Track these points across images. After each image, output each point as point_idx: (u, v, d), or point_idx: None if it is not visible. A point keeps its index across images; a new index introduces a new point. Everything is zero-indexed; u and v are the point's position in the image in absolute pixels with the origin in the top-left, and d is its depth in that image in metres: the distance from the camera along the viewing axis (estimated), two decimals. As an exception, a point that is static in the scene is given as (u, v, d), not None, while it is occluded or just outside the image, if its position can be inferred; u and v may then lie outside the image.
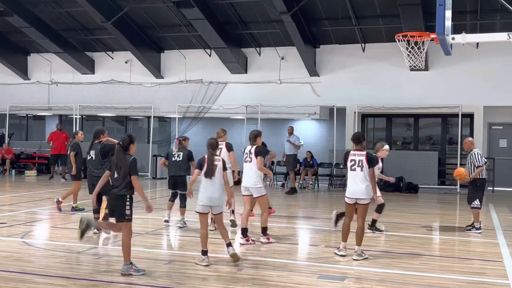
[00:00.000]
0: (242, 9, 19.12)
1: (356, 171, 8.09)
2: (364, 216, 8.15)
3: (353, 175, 8.12)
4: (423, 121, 20.70)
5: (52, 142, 20.11)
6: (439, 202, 16.22)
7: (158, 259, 7.96)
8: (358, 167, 8.08)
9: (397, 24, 17.00)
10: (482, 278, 7.07)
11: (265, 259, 7.92)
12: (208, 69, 21.40)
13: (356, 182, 8.08)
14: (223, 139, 10.42)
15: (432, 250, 9.33)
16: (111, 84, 22.69)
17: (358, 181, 8.06)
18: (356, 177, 8.09)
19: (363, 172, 8.06)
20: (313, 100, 19.95)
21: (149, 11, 19.99)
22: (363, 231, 8.10)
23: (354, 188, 8.10)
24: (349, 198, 8.20)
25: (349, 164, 8.18)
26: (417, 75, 18.69)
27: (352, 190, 8.13)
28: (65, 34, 22.10)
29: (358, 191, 8.06)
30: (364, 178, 8.06)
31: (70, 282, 6.49)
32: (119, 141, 7.19)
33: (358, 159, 8.11)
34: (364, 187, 8.04)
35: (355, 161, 8.12)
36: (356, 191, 8.08)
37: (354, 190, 8.10)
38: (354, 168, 8.11)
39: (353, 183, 8.12)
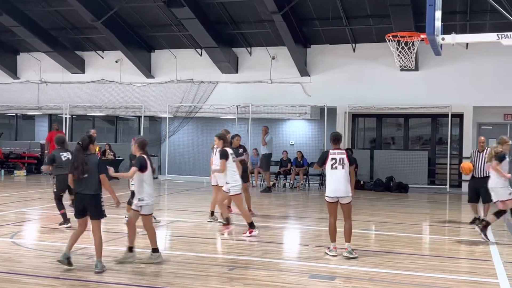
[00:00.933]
0: (233, 8, 19.10)
1: (337, 170, 8.08)
2: (350, 215, 8.19)
3: (334, 173, 8.11)
4: (413, 121, 20.79)
5: (51, 142, 19.76)
6: (429, 202, 16.30)
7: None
8: (339, 165, 8.08)
9: (388, 25, 17.06)
10: (471, 277, 7.12)
11: (256, 259, 7.93)
12: (199, 68, 21.36)
13: (337, 180, 8.08)
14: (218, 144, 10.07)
15: (421, 250, 9.37)
16: (101, 84, 22.59)
17: (340, 180, 8.07)
18: (337, 175, 8.09)
19: (344, 170, 8.08)
20: (304, 100, 19.98)
21: (140, 10, 19.93)
22: (351, 229, 8.13)
23: (336, 187, 8.10)
24: (330, 197, 8.19)
25: (330, 163, 8.14)
26: (407, 75, 18.77)
27: (334, 189, 8.12)
28: (55, 33, 21.98)
29: (340, 190, 8.08)
30: (346, 176, 8.09)
31: (60, 283, 6.46)
32: (78, 141, 7.16)
33: (339, 157, 8.12)
34: (346, 185, 8.08)
35: (336, 160, 8.12)
36: (337, 190, 8.09)
37: (336, 189, 8.10)
38: (336, 166, 8.10)
39: (334, 182, 8.12)
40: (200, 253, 8.18)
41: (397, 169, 18.77)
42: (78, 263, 7.34)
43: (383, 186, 18.35)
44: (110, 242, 8.56)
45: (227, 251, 8.91)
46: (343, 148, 8.53)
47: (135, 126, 23.92)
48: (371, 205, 15.05)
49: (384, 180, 18.58)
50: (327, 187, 8.24)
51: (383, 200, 15.89)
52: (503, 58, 17.88)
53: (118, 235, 9.21)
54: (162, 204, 14.94)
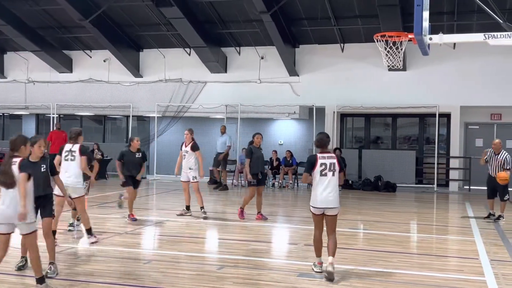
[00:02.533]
0: (221, 8, 19.09)
1: (327, 177, 7.07)
2: (335, 229, 7.20)
3: (324, 181, 7.07)
4: (401, 120, 20.91)
5: (52, 141, 19.50)
6: (416, 201, 16.40)
7: (137, 258, 7.92)
8: (329, 171, 7.10)
9: (376, 25, 17.13)
10: (459, 275, 7.17)
11: (245, 258, 7.93)
12: (188, 68, 21.32)
13: (326, 189, 7.05)
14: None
15: (410, 248, 9.43)
16: (89, 83, 22.47)
17: (330, 189, 7.07)
18: (327, 183, 7.06)
19: (335, 177, 7.11)
20: (293, 99, 20.02)
21: (128, 9, 19.85)
22: (336, 245, 7.13)
23: (325, 197, 7.05)
24: (316, 208, 7.11)
25: (320, 169, 7.09)
26: (395, 75, 18.89)
27: (322, 199, 7.06)
28: (42, 32, 21.82)
29: (329, 200, 7.07)
30: (336, 184, 7.14)
31: (47, 282, 6.40)
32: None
33: (329, 163, 7.13)
34: (336, 195, 7.12)
35: (325, 165, 7.11)
36: (326, 201, 7.06)
37: (324, 199, 7.05)
38: (325, 173, 7.08)
39: (322, 191, 7.06)
40: (189, 252, 8.17)
41: (385, 168, 18.87)
42: (66, 262, 7.30)
43: (371, 185, 18.43)
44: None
45: (216, 250, 8.91)
46: (332, 151, 7.70)
47: (123, 125, 23.82)
48: (359, 204, 15.12)
49: (372, 179, 18.66)
50: (314, 196, 7.14)
51: (371, 199, 15.97)
52: (490, 58, 18.06)
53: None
54: (150, 203, 14.91)
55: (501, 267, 7.58)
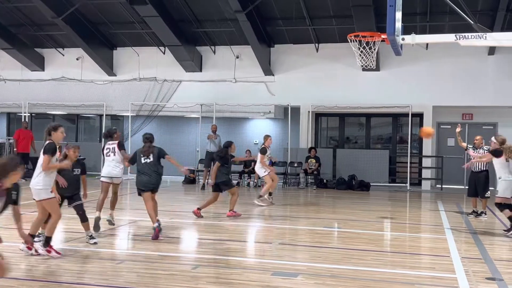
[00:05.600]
0: (196, 7, 19.01)
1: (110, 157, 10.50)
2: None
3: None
4: (375, 120, 21.13)
5: (18, 140, 19.14)
6: (390, 200, 16.58)
7: (110, 258, 7.83)
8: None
9: (350, 25, 17.26)
10: (431, 273, 7.27)
11: (219, 257, 7.91)
12: (162, 67, 21.19)
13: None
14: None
15: (383, 246, 9.53)
16: (61, 81, 22.17)
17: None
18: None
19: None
20: (268, 99, 20.06)
21: (101, 7, 19.63)
22: None
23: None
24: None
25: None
26: (369, 75, 19.07)
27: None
28: (14, 30, 21.45)
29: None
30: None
31: (19, 283, 6.31)
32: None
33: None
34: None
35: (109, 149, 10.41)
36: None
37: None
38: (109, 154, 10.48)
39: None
40: (163, 252, 8.12)
41: (359, 167, 19.03)
42: (38, 263, 7.19)
43: (345, 184, 18.57)
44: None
45: (190, 250, 8.88)
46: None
47: (97, 125, 23.56)
48: (333, 203, 15.22)
49: (346, 178, 18.80)
50: None
51: (345, 198, 16.09)
52: (462, 58, 18.38)
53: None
54: (124, 203, 14.75)
55: (471, 265, 7.70)
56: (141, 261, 7.55)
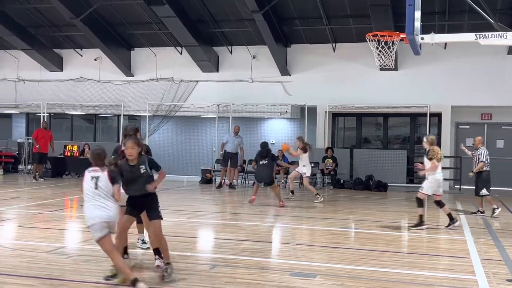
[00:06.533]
0: (213, 7, 19.06)
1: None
2: None
3: None
4: (392, 120, 20.99)
5: (37, 140, 19.33)
6: (407, 200, 16.43)
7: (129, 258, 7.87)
8: None
9: (367, 25, 17.18)
10: (449, 274, 7.20)
11: (237, 257, 7.91)
12: (179, 67, 21.27)
13: None
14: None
15: (400, 247, 9.46)
16: (79, 82, 22.36)
17: None
18: None
19: None
20: (285, 99, 20.04)
21: (119, 8, 19.77)
22: None
23: None
24: None
25: None
26: (386, 75, 18.95)
27: None
28: (33, 31, 21.69)
29: None
30: None
31: (39, 282, 6.37)
32: None
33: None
34: None
35: None
36: None
37: None
38: None
39: None
40: (181, 251, 8.15)
41: (377, 168, 18.91)
42: (57, 262, 7.26)
43: (362, 184, 18.47)
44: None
45: (208, 250, 8.90)
46: None
47: (115, 125, 23.72)
48: (350, 204, 15.14)
49: (363, 178, 18.70)
50: None
51: (362, 199, 16.00)
52: (481, 58, 18.17)
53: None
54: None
55: (492, 266, 7.62)
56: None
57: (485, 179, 12.62)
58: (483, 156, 12.57)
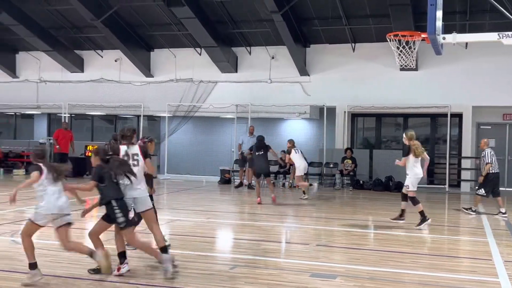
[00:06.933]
0: (232, 8, 19.11)
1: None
2: None
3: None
4: (412, 120, 20.81)
5: (58, 140, 19.57)
6: (428, 201, 16.27)
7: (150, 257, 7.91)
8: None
9: (387, 24, 17.08)
10: (472, 276, 7.12)
11: (257, 258, 7.91)
12: (198, 68, 21.36)
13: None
14: None
15: (422, 249, 9.37)
16: (100, 83, 22.57)
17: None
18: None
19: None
20: (304, 99, 20.00)
21: (139, 9, 19.92)
22: None
23: None
24: None
25: None
26: (406, 75, 18.81)
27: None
28: (54, 32, 21.95)
29: None
30: None
31: (61, 281, 6.45)
32: None
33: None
34: None
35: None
36: None
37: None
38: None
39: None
40: (201, 251, 8.18)
41: (397, 168, 18.63)
42: (80, 261, 7.32)
43: (382, 185, 18.36)
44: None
45: (228, 250, 8.92)
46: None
47: (134, 125, 23.89)
48: (370, 205, 15.05)
49: (383, 179, 18.58)
50: None
51: (382, 200, 15.91)
52: (502, 57, 17.93)
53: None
54: (161, 203, 14.92)
55: (514, 268, 7.52)
56: (179, 260, 7.59)
57: (489, 180, 12.74)
58: (488, 157, 12.73)
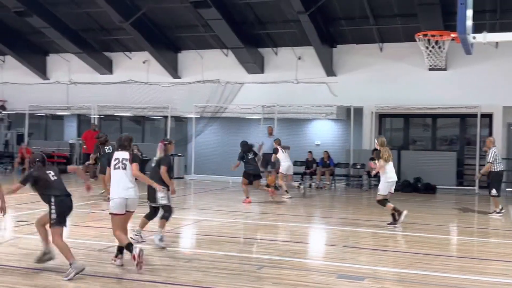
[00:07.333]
0: (259, 9, 19.15)
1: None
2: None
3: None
4: (441, 121, 20.54)
5: (86, 141, 19.88)
6: (457, 203, 16.07)
7: (177, 257, 8.00)
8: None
9: (415, 24, 16.88)
10: (503, 279, 7.01)
11: (284, 259, 7.91)
12: (225, 69, 21.45)
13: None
14: None
15: (450, 251, 9.27)
16: (128, 84, 22.84)
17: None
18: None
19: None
20: (330, 100, 19.90)
21: (167, 11, 20.10)
22: None
23: None
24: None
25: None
26: (435, 74, 18.57)
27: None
28: (84, 35, 22.31)
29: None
30: None
31: (91, 279, 6.55)
32: None
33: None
34: None
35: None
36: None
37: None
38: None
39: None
40: (228, 252, 8.22)
41: (425, 170, 18.53)
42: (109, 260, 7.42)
43: (410, 187, 18.15)
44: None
45: (254, 250, 8.94)
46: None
47: (162, 126, 24.11)
48: (398, 206, 14.87)
49: (411, 181, 18.38)
50: None
51: (410, 201, 15.73)
52: (534, 57, 17.57)
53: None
54: (188, 203, 15.04)
55: (547, 272, 7.37)
56: (206, 260, 7.67)
57: (493, 179, 12.93)
58: (490, 157, 12.87)
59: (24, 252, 7.88)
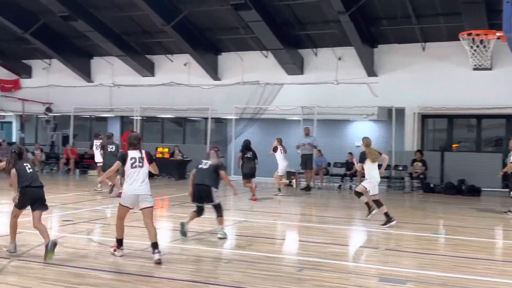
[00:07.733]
0: (299, 10, 19.10)
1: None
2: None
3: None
4: (486, 122, 20.03)
5: (125, 142, 20.26)
6: (502, 206, 15.62)
7: (217, 258, 8.06)
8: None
9: (459, 23, 16.53)
10: (551, 285, 6.79)
11: (325, 261, 7.87)
12: (265, 70, 21.49)
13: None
14: None
15: (495, 255, 9.04)
16: (170, 86, 23.15)
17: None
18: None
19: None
20: (371, 100, 19.69)
21: (207, 14, 20.28)
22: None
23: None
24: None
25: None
26: (479, 74, 18.13)
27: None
28: (127, 38, 22.73)
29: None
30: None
31: (134, 278, 6.66)
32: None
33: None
34: None
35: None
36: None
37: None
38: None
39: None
40: (268, 253, 8.23)
41: (469, 171, 18.11)
42: (152, 260, 7.53)
43: (454, 189, 17.79)
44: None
45: (295, 252, 8.93)
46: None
47: (202, 127, 24.33)
48: (441, 209, 14.63)
49: (455, 183, 18.00)
50: None
51: (454, 204, 15.42)
52: None
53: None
54: (228, 204, 15.12)
55: None
56: (247, 261, 7.69)
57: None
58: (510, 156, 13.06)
59: (70, 251, 8.07)
